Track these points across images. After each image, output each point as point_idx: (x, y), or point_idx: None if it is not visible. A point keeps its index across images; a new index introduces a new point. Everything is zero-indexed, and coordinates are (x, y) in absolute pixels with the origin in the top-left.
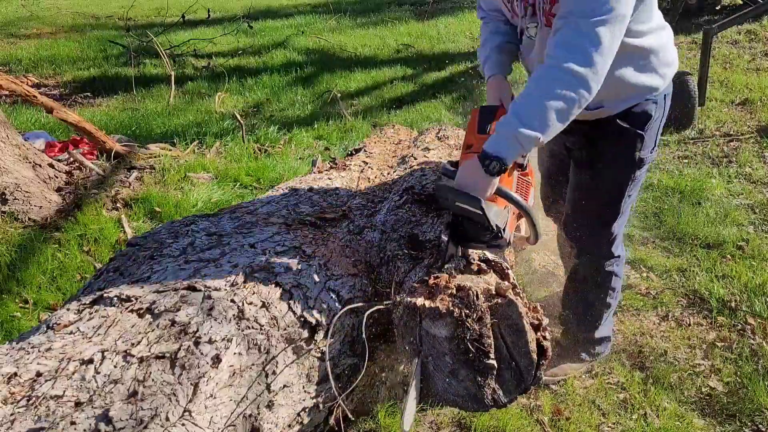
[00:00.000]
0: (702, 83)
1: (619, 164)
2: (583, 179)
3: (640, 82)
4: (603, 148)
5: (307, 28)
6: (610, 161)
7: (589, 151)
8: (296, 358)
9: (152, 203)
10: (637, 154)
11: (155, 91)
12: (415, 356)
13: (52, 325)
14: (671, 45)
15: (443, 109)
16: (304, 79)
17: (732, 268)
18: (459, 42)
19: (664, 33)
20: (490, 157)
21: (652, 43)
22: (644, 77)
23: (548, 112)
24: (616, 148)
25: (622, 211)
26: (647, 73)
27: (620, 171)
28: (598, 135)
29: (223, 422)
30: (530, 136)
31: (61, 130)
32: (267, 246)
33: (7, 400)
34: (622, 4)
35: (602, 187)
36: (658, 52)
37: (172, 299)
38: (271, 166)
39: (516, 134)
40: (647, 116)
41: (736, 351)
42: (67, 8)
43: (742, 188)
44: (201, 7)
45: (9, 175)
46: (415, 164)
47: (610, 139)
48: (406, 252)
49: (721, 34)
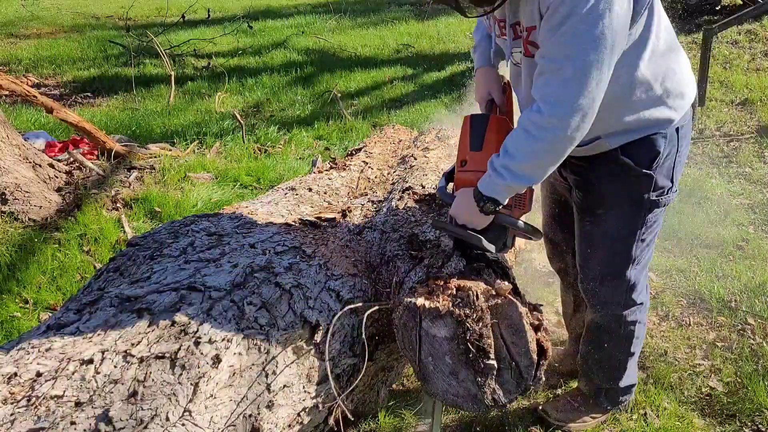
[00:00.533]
0: (702, 83)
1: (623, 208)
2: (586, 226)
3: (644, 117)
4: (604, 189)
5: (307, 28)
6: (614, 204)
7: (589, 194)
8: (296, 358)
9: (152, 203)
10: (647, 197)
11: (155, 91)
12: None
13: (52, 325)
14: (685, 71)
15: (443, 109)
16: (304, 79)
17: (732, 268)
18: (459, 42)
19: (674, 57)
20: (484, 198)
21: (655, 71)
22: (647, 112)
23: (537, 161)
24: (619, 189)
25: (635, 257)
26: (651, 107)
27: (626, 216)
28: (597, 174)
29: (223, 422)
30: (522, 185)
31: (61, 130)
32: (267, 246)
33: (7, 400)
34: (609, 36)
35: (608, 234)
36: (664, 81)
37: (172, 299)
38: (271, 166)
39: (509, 182)
40: (654, 152)
41: (736, 351)
42: (67, 8)
43: (742, 188)
44: (201, 7)
45: (9, 175)
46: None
47: (612, 177)
48: (406, 252)
49: (721, 34)
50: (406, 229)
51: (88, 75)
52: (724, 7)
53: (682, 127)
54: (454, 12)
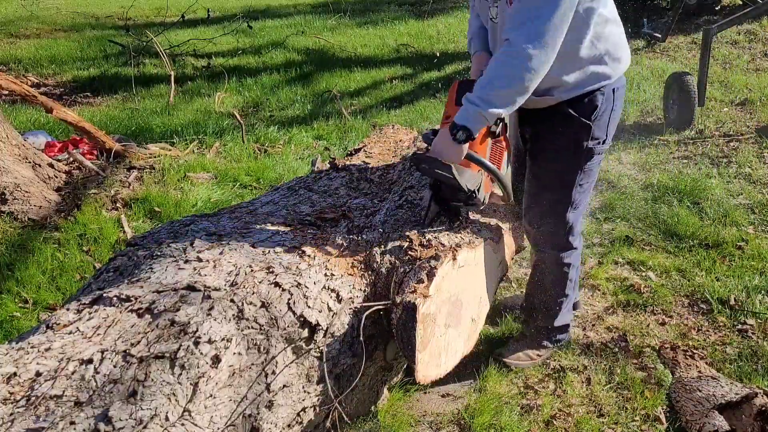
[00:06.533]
0: (701, 83)
1: (567, 152)
2: (534, 169)
3: (587, 72)
4: (551, 136)
5: (307, 28)
6: (558, 150)
7: (538, 141)
8: (296, 358)
9: (152, 203)
10: (585, 144)
11: (155, 90)
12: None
13: (52, 325)
14: (623, 42)
15: (443, 109)
16: (303, 79)
17: (732, 268)
18: (458, 42)
19: (615, 27)
20: (457, 127)
21: (600, 34)
22: (590, 68)
23: (509, 91)
24: (563, 136)
25: (574, 201)
26: (596, 63)
27: (568, 159)
28: (547, 124)
29: (223, 422)
30: (492, 113)
31: (61, 129)
32: (267, 246)
33: (7, 400)
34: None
35: (552, 176)
36: (607, 43)
37: (172, 299)
38: (271, 166)
39: (479, 110)
40: (593, 106)
41: (736, 351)
42: (67, 8)
43: (741, 188)
44: (201, 7)
45: (9, 175)
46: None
47: (558, 126)
48: (405, 252)
49: (721, 35)
50: (406, 229)
51: (87, 75)
52: (723, 7)
53: (617, 89)
54: (453, 12)
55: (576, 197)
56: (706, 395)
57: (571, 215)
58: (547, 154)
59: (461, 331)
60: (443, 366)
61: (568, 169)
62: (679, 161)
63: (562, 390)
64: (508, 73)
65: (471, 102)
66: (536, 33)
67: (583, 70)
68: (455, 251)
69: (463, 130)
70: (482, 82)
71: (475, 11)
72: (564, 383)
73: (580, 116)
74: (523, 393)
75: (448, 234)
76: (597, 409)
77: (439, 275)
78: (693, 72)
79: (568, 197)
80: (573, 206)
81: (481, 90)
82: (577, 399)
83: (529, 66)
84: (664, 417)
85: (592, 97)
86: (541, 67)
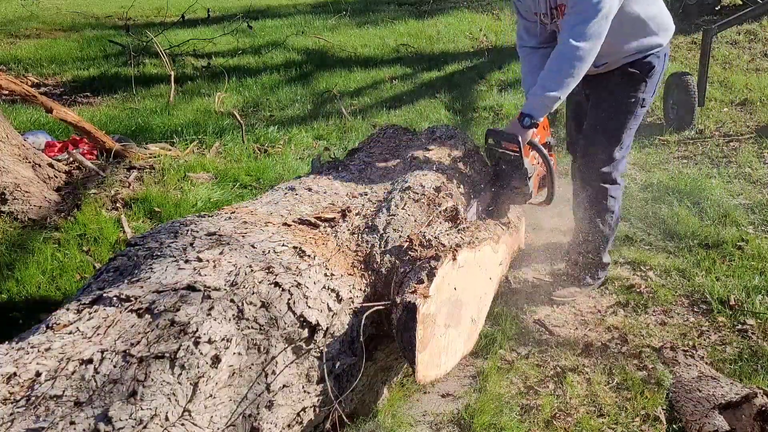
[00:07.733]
0: (701, 83)
1: (624, 101)
2: (594, 114)
3: (643, 44)
4: (612, 89)
5: (307, 28)
6: (617, 98)
7: (601, 94)
8: (296, 358)
9: (152, 203)
10: (640, 95)
11: (155, 90)
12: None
13: (52, 325)
14: (668, 14)
15: (442, 109)
16: (303, 79)
17: (732, 268)
18: (458, 42)
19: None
20: (524, 115)
21: (648, 12)
22: (645, 40)
23: (562, 77)
24: (622, 89)
25: (622, 140)
26: (651, 35)
27: (624, 106)
28: (608, 82)
29: (223, 422)
30: (552, 96)
31: (61, 129)
32: (267, 246)
33: (7, 400)
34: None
35: (609, 118)
36: (657, 18)
37: (172, 299)
38: (271, 166)
39: (542, 97)
40: (651, 66)
41: (736, 351)
42: (67, 8)
43: (741, 188)
44: (201, 7)
45: (8, 175)
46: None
47: (619, 81)
48: (405, 252)
49: (721, 35)
50: (405, 229)
51: (87, 75)
52: (723, 7)
53: (667, 53)
54: (453, 12)
55: (624, 139)
56: (706, 395)
57: (618, 153)
58: (606, 102)
59: (461, 331)
60: (443, 366)
61: (623, 113)
62: (679, 161)
63: (562, 390)
64: (560, 65)
65: (532, 93)
66: (580, 32)
67: (640, 41)
68: (455, 251)
69: (528, 116)
70: (542, 75)
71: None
72: (564, 383)
73: (640, 72)
74: (523, 393)
75: (449, 234)
76: (597, 409)
77: (439, 275)
78: (693, 72)
79: (619, 136)
80: (621, 145)
81: (540, 80)
82: (577, 399)
83: (578, 55)
84: (664, 417)
85: (650, 59)
86: (587, 56)
